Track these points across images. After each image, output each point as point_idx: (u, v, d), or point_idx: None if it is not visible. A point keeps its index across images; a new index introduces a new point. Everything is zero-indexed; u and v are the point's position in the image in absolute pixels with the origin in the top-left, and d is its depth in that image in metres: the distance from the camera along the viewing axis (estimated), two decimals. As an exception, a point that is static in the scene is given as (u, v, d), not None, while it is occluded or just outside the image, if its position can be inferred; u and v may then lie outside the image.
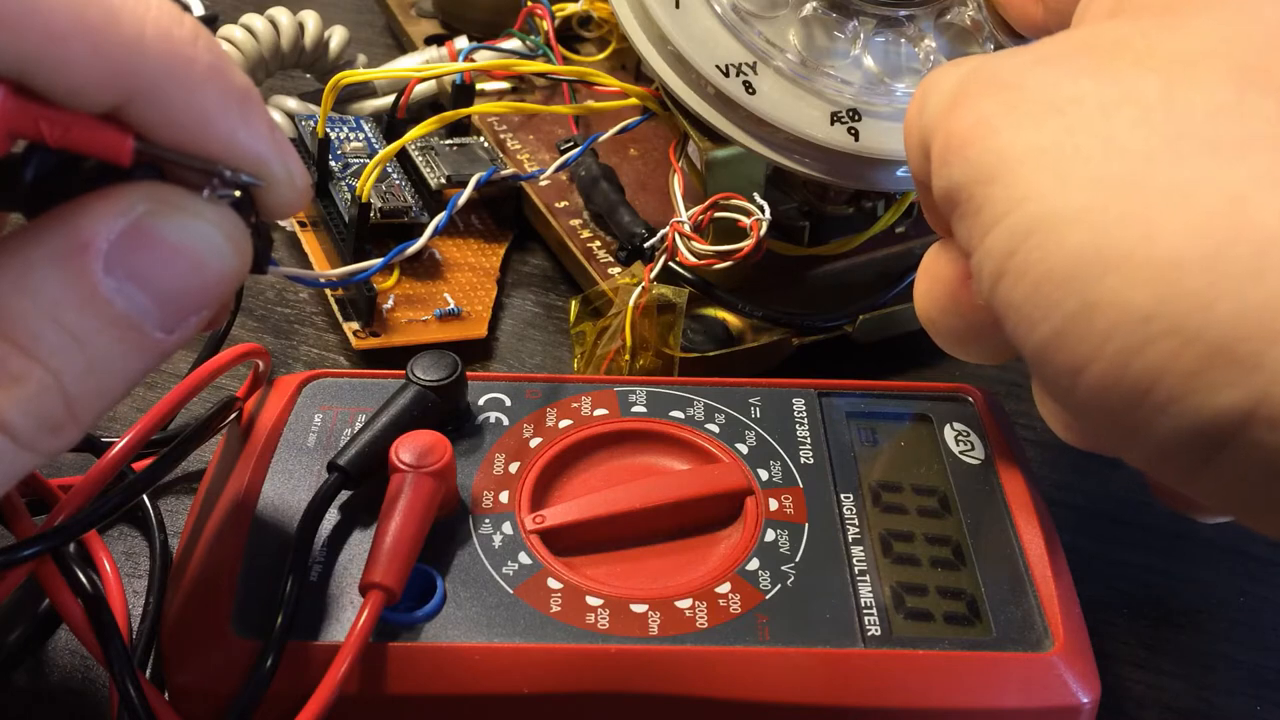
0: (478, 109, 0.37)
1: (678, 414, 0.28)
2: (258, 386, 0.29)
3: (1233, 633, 0.30)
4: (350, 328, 0.35)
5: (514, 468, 0.27)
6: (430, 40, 0.48)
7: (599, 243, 0.38)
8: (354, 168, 0.39)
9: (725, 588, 0.24)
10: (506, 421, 0.28)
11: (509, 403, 0.29)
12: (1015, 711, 0.23)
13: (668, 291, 0.32)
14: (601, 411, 0.28)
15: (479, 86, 0.43)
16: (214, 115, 0.19)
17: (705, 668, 0.23)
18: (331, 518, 0.25)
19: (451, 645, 0.23)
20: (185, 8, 0.32)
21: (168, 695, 0.23)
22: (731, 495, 0.26)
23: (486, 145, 0.41)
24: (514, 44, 0.43)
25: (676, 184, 0.34)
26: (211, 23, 0.48)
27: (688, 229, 0.33)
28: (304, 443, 0.27)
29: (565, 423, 0.28)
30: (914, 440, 0.29)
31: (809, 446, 0.28)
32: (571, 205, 0.39)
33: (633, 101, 0.35)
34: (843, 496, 0.27)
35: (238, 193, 0.19)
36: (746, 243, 0.32)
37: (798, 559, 0.25)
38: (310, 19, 0.43)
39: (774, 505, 0.26)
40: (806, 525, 0.26)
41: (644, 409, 0.29)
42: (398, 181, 0.38)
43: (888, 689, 0.23)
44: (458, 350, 0.28)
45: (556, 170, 0.36)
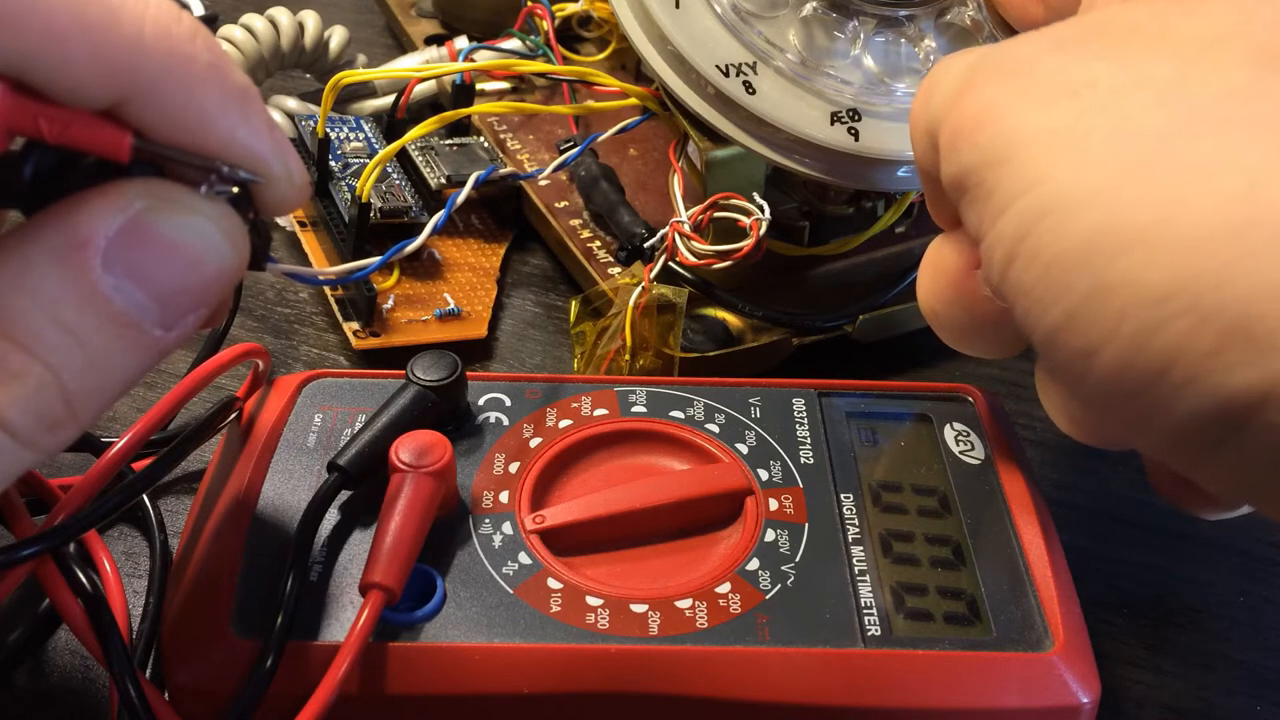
0: (478, 109, 0.37)
1: (678, 414, 0.28)
2: (257, 386, 0.29)
3: (1233, 633, 0.30)
4: (350, 328, 0.35)
5: (514, 468, 0.27)
6: (430, 40, 0.48)
7: (599, 243, 0.38)
8: (354, 168, 0.39)
9: (725, 588, 0.24)
10: (506, 421, 0.28)
11: (509, 403, 0.29)
12: (1015, 711, 0.23)
13: (668, 291, 0.32)
14: (601, 411, 0.28)
15: (479, 86, 0.43)
16: (213, 113, 0.19)
17: (705, 668, 0.23)
18: (331, 518, 0.25)
19: (451, 645, 0.23)
20: (185, 7, 0.32)
21: (168, 695, 0.23)
22: (731, 495, 0.26)
23: (486, 145, 0.41)
24: (514, 44, 0.43)
25: (676, 184, 0.34)
26: (211, 22, 0.48)
27: (687, 229, 0.33)
28: (304, 443, 0.27)
29: (565, 423, 0.28)
30: (914, 440, 0.29)
31: (809, 446, 0.28)
32: (571, 205, 0.39)
33: (632, 101, 0.35)
34: (843, 496, 0.27)
35: (235, 189, 0.19)
36: (746, 243, 0.32)
37: (798, 559, 0.25)
38: (310, 19, 0.43)
39: (774, 505, 0.26)
40: (806, 525, 0.26)
41: (644, 409, 0.29)
42: (398, 181, 0.38)
43: (888, 689, 0.23)
44: (458, 350, 0.28)
45: (556, 170, 0.36)
